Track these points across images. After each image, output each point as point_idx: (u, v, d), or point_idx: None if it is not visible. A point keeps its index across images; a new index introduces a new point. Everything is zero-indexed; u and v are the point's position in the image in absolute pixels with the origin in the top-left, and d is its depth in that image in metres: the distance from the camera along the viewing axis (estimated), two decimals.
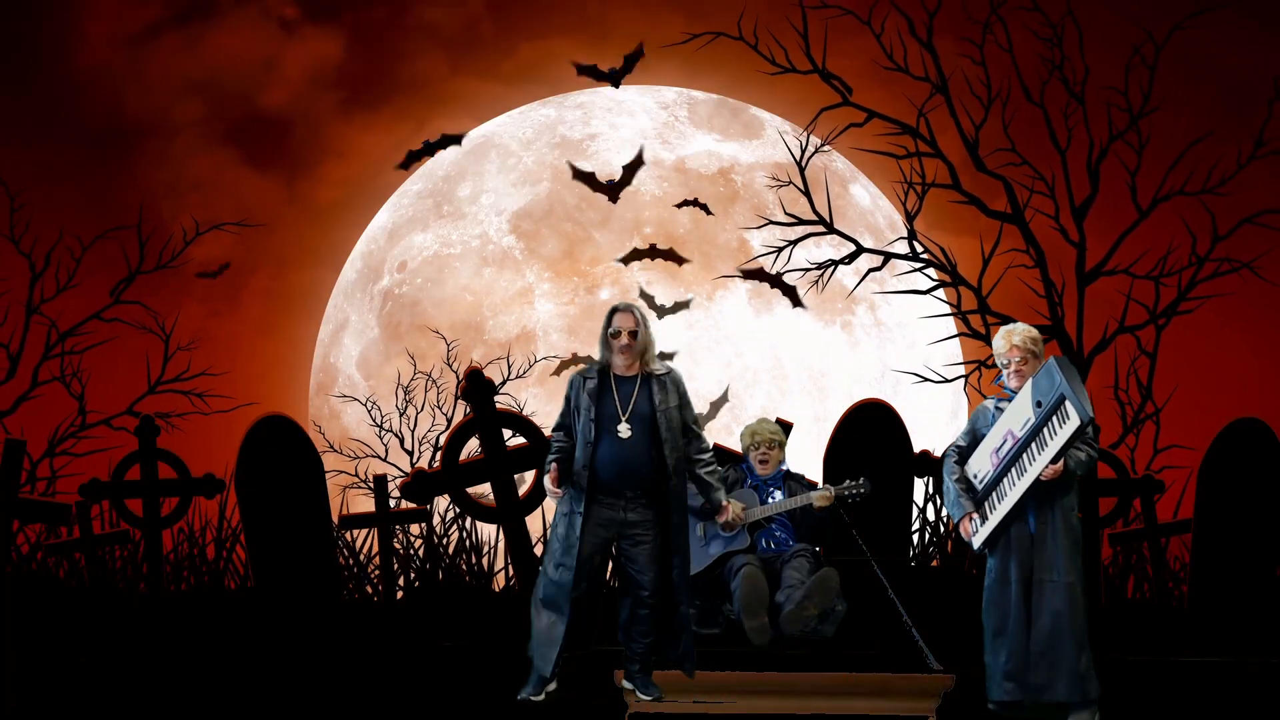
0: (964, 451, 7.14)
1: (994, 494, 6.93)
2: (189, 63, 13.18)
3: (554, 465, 6.78)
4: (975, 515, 6.94)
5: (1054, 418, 6.69)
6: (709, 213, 11.58)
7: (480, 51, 13.34)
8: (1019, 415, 6.85)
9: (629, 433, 6.74)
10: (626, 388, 6.81)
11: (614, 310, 6.85)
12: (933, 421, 11.76)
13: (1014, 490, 6.82)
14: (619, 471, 6.74)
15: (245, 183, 13.43)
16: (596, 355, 6.93)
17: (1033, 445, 6.76)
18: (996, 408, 7.06)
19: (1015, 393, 6.96)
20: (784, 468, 7.79)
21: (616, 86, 12.23)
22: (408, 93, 13.47)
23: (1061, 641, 6.73)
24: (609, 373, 6.83)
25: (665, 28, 12.18)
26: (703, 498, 6.92)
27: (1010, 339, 6.98)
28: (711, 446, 6.97)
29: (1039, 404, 6.75)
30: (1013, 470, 6.84)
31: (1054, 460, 6.69)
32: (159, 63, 13.11)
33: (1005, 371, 7.00)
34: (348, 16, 13.43)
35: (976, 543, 6.95)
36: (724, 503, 6.84)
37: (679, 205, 11.91)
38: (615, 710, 6.79)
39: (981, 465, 7.02)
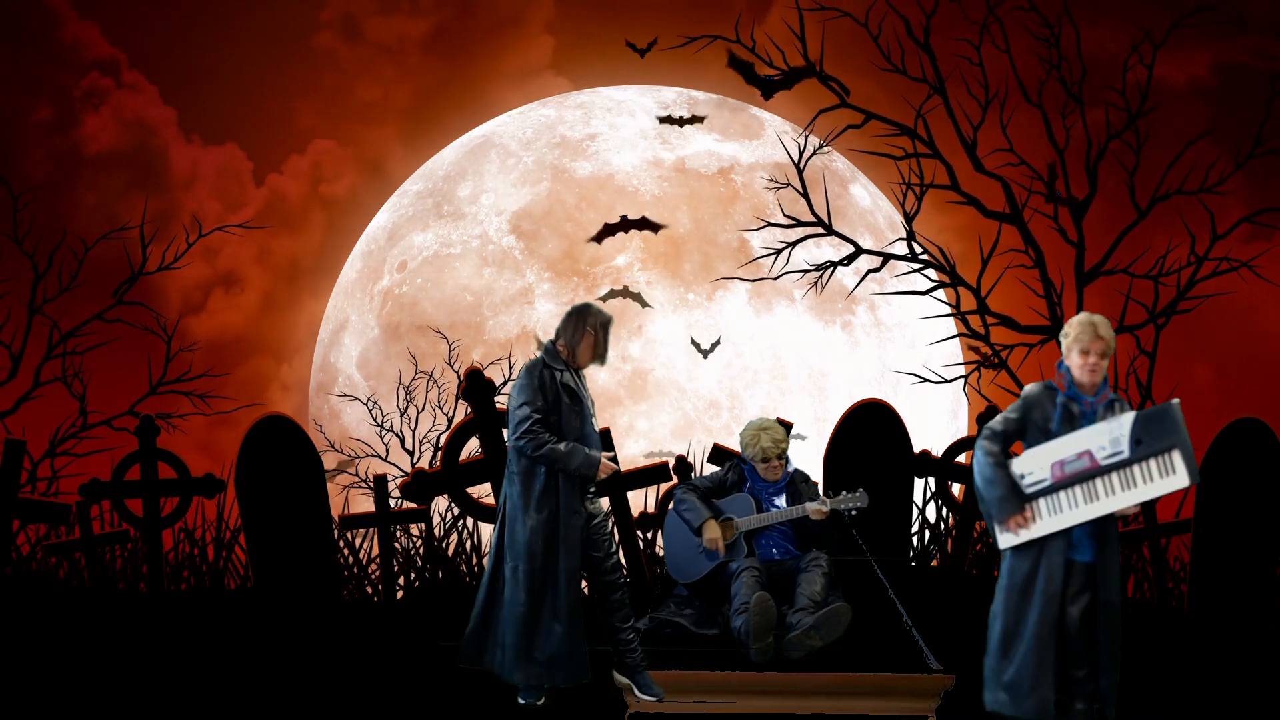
0: (1008, 435, 6.60)
1: (1044, 503, 6.52)
2: (292, 66, 13.15)
3: None
4: (1028, 513, 6.52)
5: (1155, 464, 6.31)
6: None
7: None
8: (1106, 440, 6.41)
9: None
10: None
11: None
12: (933, 421, 11.76)
13: (1075, 511, 6.46)
14: None
15: (340, 181, 13.46)
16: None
17: (1114, 477, 6.39)
18: (1063, 405, 6.51)
19: (1081, 394, 6.50)
20: (790, 471, 7.72)
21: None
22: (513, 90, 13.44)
23: (1112, 656, 6.57)
24: None
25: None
26: None
27: (1099, 330, 6.45)
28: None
29: (1139, 442, 6.32)
30: (1078, 490, 6.45)
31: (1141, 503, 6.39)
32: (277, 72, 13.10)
33: (1079, 361, 6.46)
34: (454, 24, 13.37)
35: (1009, 542, 6.58)
36: None
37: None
38: (615, 710, 6.79)
39: (1037, 469, 6.54)
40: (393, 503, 9.86)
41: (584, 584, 7.03)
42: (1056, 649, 6.52)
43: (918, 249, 11.50)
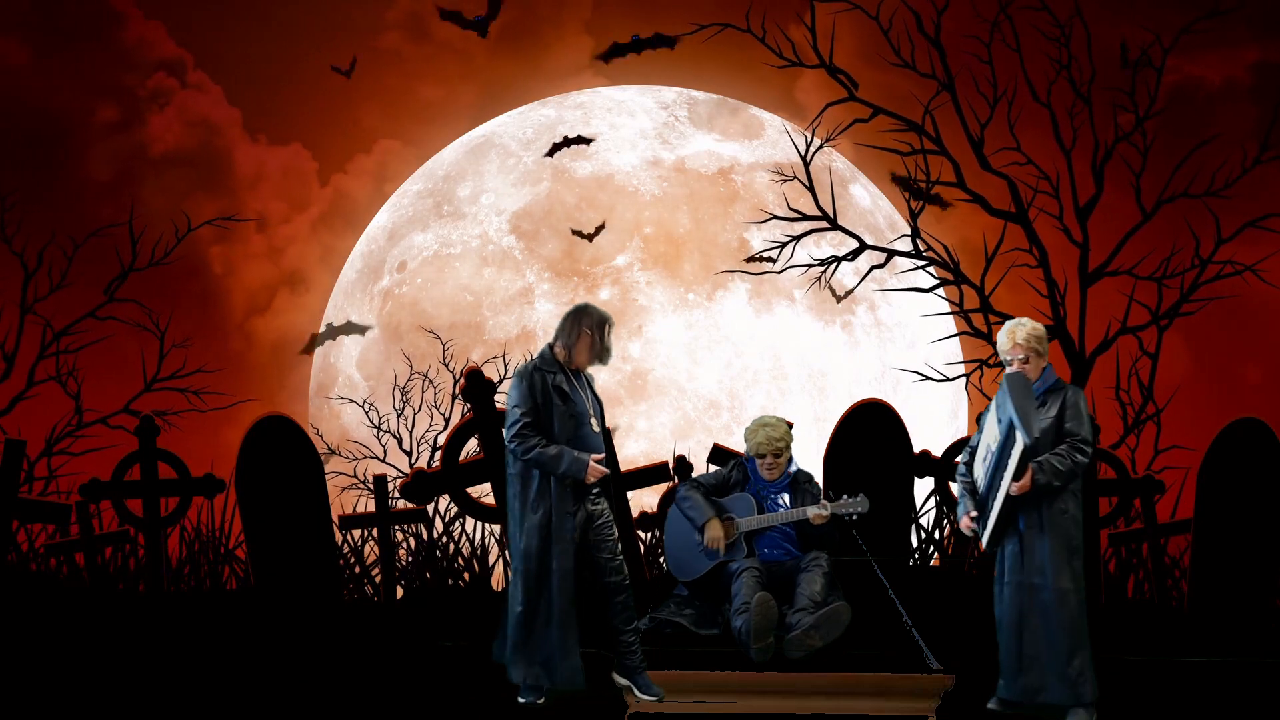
0: (973, 448, 7.17)
1: (987, 501, 6.97)
2: (358, 65, 13.12)
3: None
4: (975, 514, 7.00)
5: (1009, 439, 6.73)
6: None
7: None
8: (994, 430, 6.88)
9: None
10: None
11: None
12: (933, 421, 11.75)
13: (994, 502, 6.87)
14: None
15: (404, 181, 13.48)
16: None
17: (1002, 461, 6.80)
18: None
19: None
20: (792, 470, 7.72)
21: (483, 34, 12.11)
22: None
23: (1052, 645, 6.78)
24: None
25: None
26: None
27: (1014, 337, 6.92)
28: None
29: (1000, 421, 6.79)
30: (994, 483, 6.89)
31: (1016, 479, 6.72)
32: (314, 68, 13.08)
33: (1007, 369, 6.96)
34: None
35: (983, 541, 7.02)
36: None
37: None
38: (615, 710, 6.78)
39: (978, 472, 7.08)
40: (392, 503, 9.86)
41: (587, 585, 7.03)
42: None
43: (921, 246, 11.49)
